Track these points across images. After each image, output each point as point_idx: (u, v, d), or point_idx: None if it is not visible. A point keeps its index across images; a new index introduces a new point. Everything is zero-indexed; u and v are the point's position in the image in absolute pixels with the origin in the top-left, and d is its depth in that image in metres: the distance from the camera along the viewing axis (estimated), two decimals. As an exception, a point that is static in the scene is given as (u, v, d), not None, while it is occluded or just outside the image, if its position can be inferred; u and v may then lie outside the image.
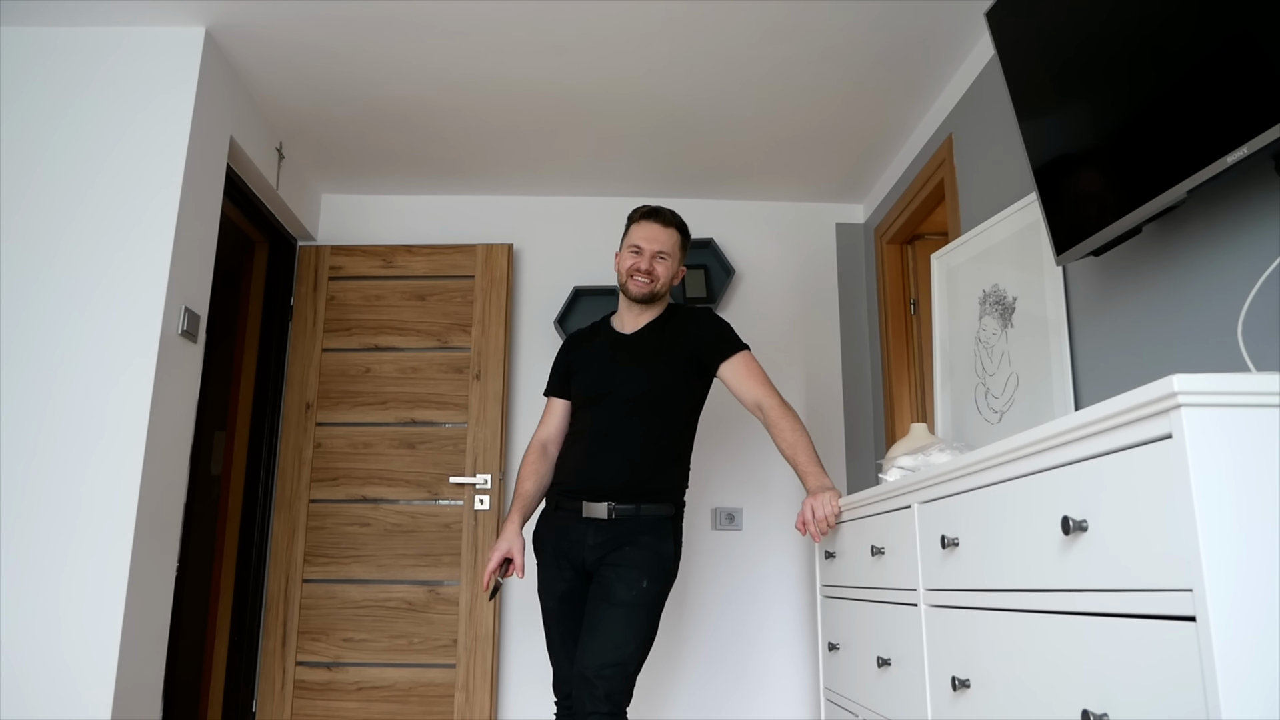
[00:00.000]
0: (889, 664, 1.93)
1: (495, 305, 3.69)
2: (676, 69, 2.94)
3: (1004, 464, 1.42)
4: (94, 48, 2.71)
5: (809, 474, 2.26)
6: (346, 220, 3.93)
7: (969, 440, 2.56)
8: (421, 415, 3.61)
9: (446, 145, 3.50)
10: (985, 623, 1.47)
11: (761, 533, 3.67)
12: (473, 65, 2.93)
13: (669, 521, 2.35)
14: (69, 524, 2.39)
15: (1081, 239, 1.84)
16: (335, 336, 3.69)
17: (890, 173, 3.64)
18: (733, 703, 3.51)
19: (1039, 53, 1.95)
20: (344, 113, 3.24)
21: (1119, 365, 2.02)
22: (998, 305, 2.50)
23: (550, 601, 2.36)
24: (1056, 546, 1.25)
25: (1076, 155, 1.87)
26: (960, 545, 1.58)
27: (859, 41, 2.78)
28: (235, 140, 2.98)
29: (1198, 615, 0.96)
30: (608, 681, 2.13)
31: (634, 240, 2.47)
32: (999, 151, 2.65)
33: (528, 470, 2.49)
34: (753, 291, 3.90)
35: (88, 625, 2.34)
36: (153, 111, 2.67)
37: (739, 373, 2.42)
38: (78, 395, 2.47)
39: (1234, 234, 1.65)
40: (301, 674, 3.40)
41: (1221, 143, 1.44)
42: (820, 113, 3.22)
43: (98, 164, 2.63)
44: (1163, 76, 1.59)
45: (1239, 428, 0.99)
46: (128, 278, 2.56)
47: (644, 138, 3.43)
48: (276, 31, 2.74)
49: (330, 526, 3.53)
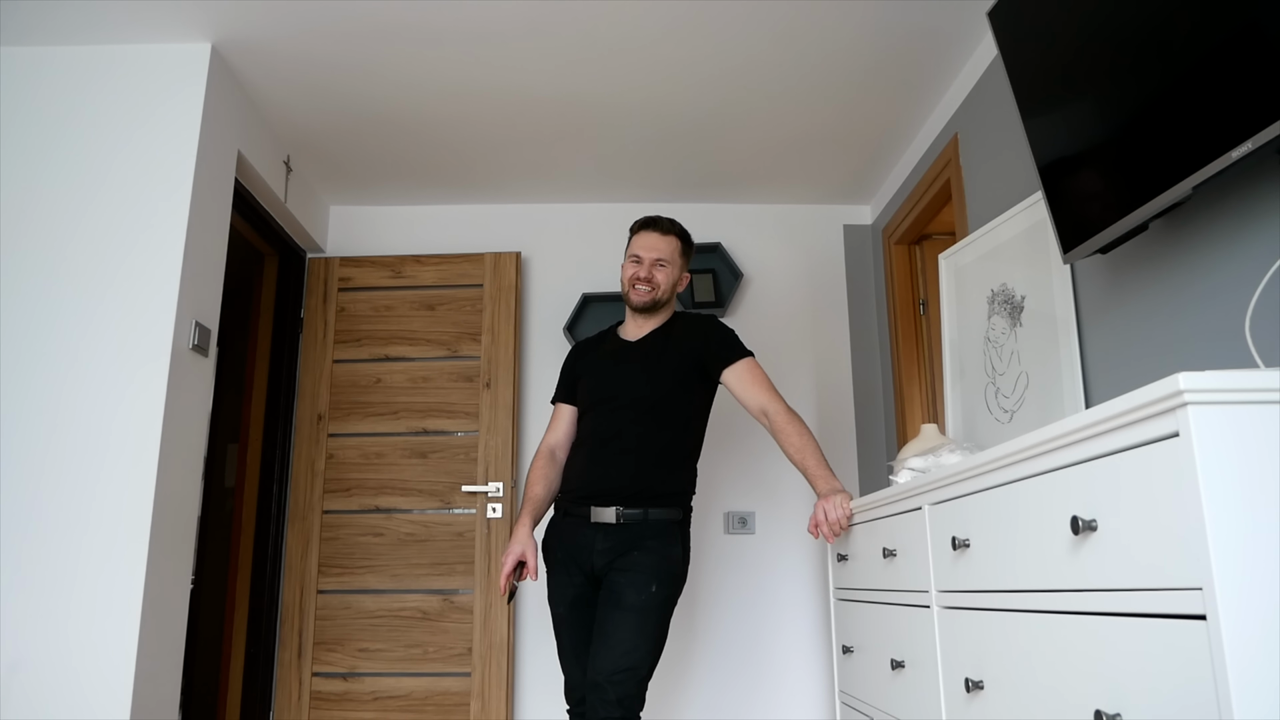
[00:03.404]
0: (903, 666, 1.93)
1: (504, 313, 3.70)
2: (681, 74, 2.95)
3: (1013, 464, 1.42)
4: (101, 66, 2.73)
5: (819, 477, 2.27)
6: (355, 231, 3.95)
7: (980, 440, 2.56)
8: (433, 424, 3.62)
9: (453, 155, 3.51)
10: (997, 623, 1.47)
11: (774, 536, 3.66)
12: (479, 75, 2.94)
13: (677, 526, 2.36)
14: (84, 539, 2.41)
15: (1088, 237, 1.83)
16: (346, 347, 3.71)
17: (897, 173, 3.63)
18: (748, 707, 3.50)
19: (1042, 51, 1.95)
20: (351, 125, 3.26)
21: (1129, 362, 2.02)
22: (1006, 304, 2.50)
23: (561, 608, 2.37)
24: (1066, 546, 1.25)
25: (1081, 153, 1.86)
26: (971, 546, 1.57)
27: (863, 43, 2.78)
28: (243, 154, 3.00)
29: (1208, 613, 0.96)
30: (620, 686, 2.14)
31: (634, 250, 2.50)
32: (1004, 150, 2.65)
33: (536, 475, 2.51)
34: (761, 295, 3.90)
35: (104, 640, 2.35)
36: (160, 127, 2.69)
37: (742, 379, 2.42)
38: (90, 411, 2.49)
39: (1241, 229, 1.65)
40: (318, 685, 3.41)
41: (1226, 138, 1.44)
42: (825, 115, 3.22)
43: (106, 181, 2.65)
44: (1166, 72, 1.58)
45: (1246, 425, 0.99)
46: (138, 293, 2.57)
47: (650, 143, 3.43)
48: (282, 46, 2.76)
49: (344, 537, 3.54)
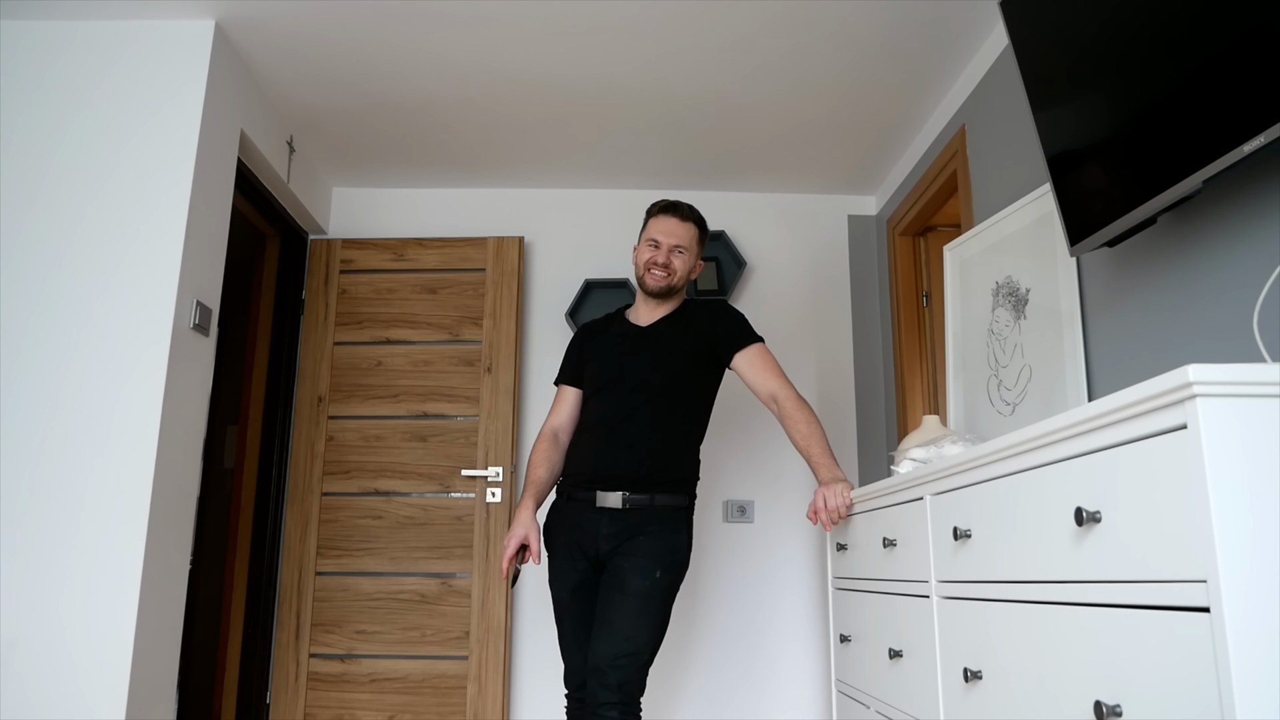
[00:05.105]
0: (901, 655, 1.93)
1: (506, 298, 3.69)
2: (688, 60, 2.93)
3: (1017, 455, 1.41)
4: (104, 42, 2.71)
5: (821, 465, 2.26)
6: (357, 213, 3.93)
7: (981, 432, 2.55)
8: (433, 408, 3.62)
9: (457, 138, 3.50)
10: (998, 614, 1.47)
11: (773, 525, 3.67)
12: (483, 57, 2.92)
13: (682, 512, 2.36)
14: (84, 517, 2.41)
15: (1095, 230, 1.83)
16: (347, 330, 3.70)
17: (903, 164, 3.62)
18: (744, 694, 3.51)
19: (1053, 42, 1.94)
20: (355, 106, 3.25)
21: (1133, 356, 2.01)
22: (1011, 297, 2.49)
23: (563, 593, 2.36)
24: (1070, 538, 1.25)
25: (1091, 146, 1.85)
26: (973, 537, 1.57)
27: (872, 32, 2.76)
28: (246, 134, 2.98)
29: (1212, 607, 0.95)
30: (621, 671, 2.14)
31: (652, 234, 2.46)
32: (1012, 142, 2.63)
33: (539, 457, 2.50)
34: (764, 283, 3.89)
35: (102, 618, 2.35)
36: (163, 105, 2.68)
37: (754, 364, 2.41)
38: (90, 389, 2.48)
39: (1250, 224, 1.64)
40: (315, 666, 3.42)
41: (1237, 132, 1.43)
42: (832, 104, 3.21)
43: (109, 159, 2.64)
44: (1178, 66, 1.57)
45: (1254, 418, 0.98)
46: (139, 272, 2.57)
47: (655, 130, 3.42)
48: (286, 24, 2.75)
49: (343, 519, 3.54)
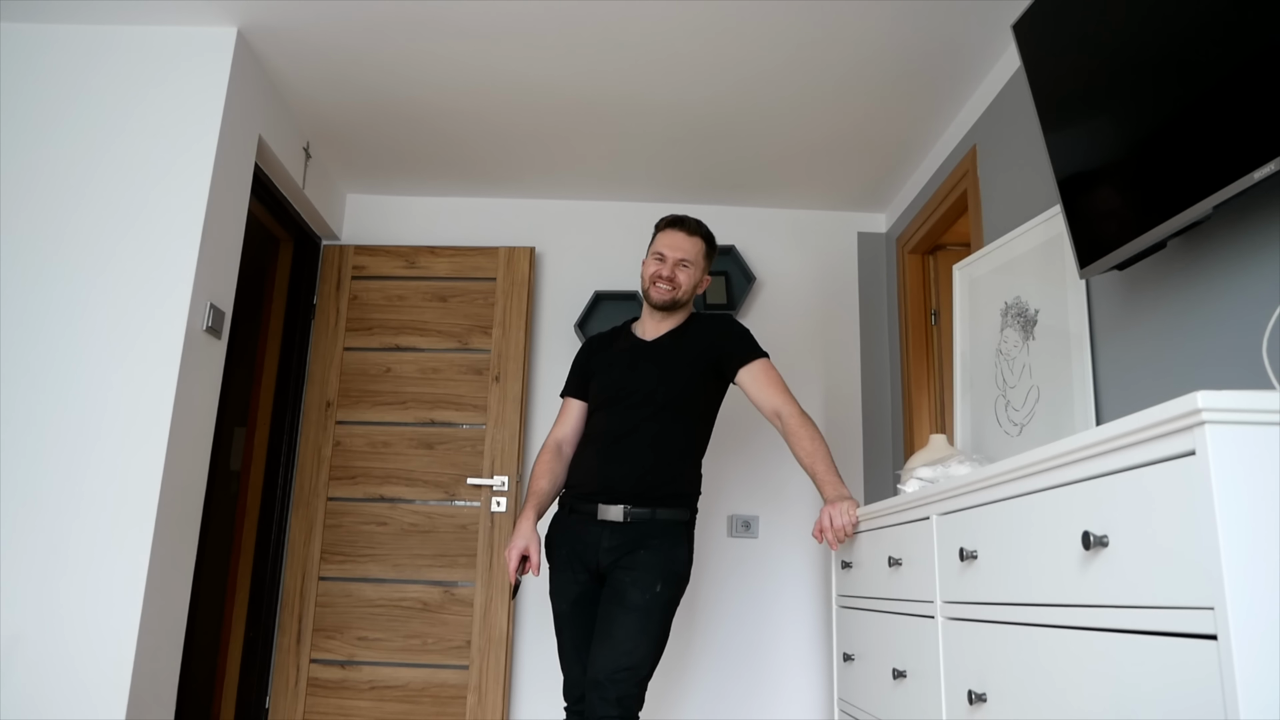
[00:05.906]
0: (904, 676, 1.92)
1: (516, 308, 3.70)
2: (701, 76, 2.95)
3: (1025, 477, 1.41)
4: (127, 46, 2.74)
5: (827, 483, 2.26)
6: (371, 220, 3.96)
7: (988, 453, 2.55)
8: (440, 416, 3.63)
9: (471, 148, 3.52)
10: (1003, 636, 1.47)
11: (777, 541, 3.66)
12: (498, 70, 2.94)
13: (683, 527, 2.36)
14: (91, 516, 2.42)
15: (1105, 253, 1.83)
16: (357, 335, 3.72)
17: (913, 183, 3.63)
18: (746, 711, 3.50)
19: (1065, 65, 1.95)
20: (371, 114, 3.27)
21: (1141, 380, 2.01)
22: (1020, 317, 2.49)
23: (563, 605, 2.36)
24: (1076, 561, 1.25)
25: (1102, 169, 1.86)
26: (979, 558, 1.57)
27: (885, 52, 2.78)
28: (264, 139, 3.01)
29: (1219, 634, 0.95)
30: (620, 685, 2.13)
31: (658, 248, 2.48)
32: (1023, 163, 2.64)
33: (542, 469, 2.50)
34: (773, 299, 3.90)
35: (106, 617, 2.36)
36: (184, 110, 2.70)
37: (758, 380, 2.41)
38: (102, 389, 2.50)
39: (1259, 251, 1.64)
40: (315, 672, 3.42)
41: (1249, 159, 1.43)
42: (844, 121, 3.22)
43: (128, 161, 2.66)
44: (1190, 91, 1.58)
45: (1263, 445, 0.98)
46: (155, 274, 2.58)
47: (667, 143, 3.44)
48: (307, 33, 2.77)
49: (348, 525, 3.55)
